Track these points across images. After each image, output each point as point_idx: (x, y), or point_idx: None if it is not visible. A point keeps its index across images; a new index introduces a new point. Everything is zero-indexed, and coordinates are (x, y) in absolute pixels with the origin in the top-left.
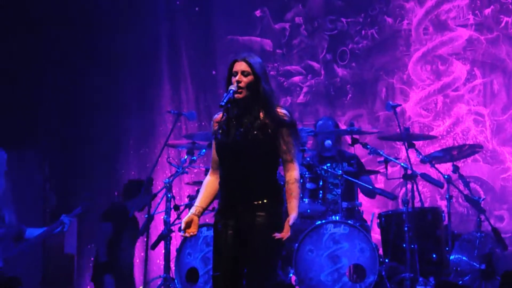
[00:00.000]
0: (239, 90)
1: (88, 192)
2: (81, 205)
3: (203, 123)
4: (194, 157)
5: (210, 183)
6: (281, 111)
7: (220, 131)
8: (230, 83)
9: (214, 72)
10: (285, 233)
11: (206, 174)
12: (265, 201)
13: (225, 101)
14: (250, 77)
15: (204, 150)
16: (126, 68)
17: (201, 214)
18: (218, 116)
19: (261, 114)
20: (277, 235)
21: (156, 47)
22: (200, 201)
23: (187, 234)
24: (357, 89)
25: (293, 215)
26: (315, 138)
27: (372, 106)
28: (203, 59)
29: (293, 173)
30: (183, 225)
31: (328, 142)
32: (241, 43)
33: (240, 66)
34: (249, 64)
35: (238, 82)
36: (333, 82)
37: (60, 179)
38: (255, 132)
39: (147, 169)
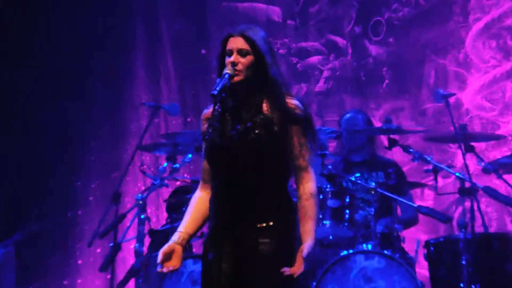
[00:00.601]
0: (236, 73)
1: (36, 210)
2: (21, 230)
3: (188, 119)
4: (177, 165)
5: (200, 201)
6: (292, 102)
7: (211, 129)
8: (224, 66)
9: (203, 51)
10: (298, 268)
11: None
12: (271, 223)
13: (218, 89)
14: (249, 58)
15: (190, 156)
16: (87, 45)
17: (186, 242)
18: (209, 110)
19: (265, 107)
20: (287, 271)
21: (127, 18)
22: (185, 226)
23: (165, 269)
24: (396, 73)
25: (308, 243)
26: (340, 139)
27: (416, 96)
28: (189, 34)
29: (308, 185)
30: (160, 257)
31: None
32: (241, 12)
33: (237, 42)
34: (249, 40)
35: (234, 64)
36: (363, 64)
37: None
38: (258, 131)
39: (113, 181)
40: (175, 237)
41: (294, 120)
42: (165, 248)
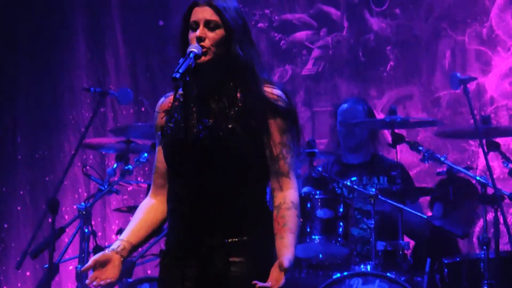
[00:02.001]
0: (204, 51)
1: None
2: None
3: (143, 109)
4: (129, 166)
5: (150, 208)
6: (273, 91)
7: (171, 123)
8: (188, 42)
9: (161, 23)
10: (275, 283)
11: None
12: (244, 238)
13: (180, 71)
14: (219, 32)
15: (146, 154)
16: (17, 15)
17: (127, 253)
18: (168, 98)
19: (240, 96)
20: (260, 284)
21: None
22: (128, 234)
23: (95, 283)
24: (404, 53)
25: (287, 256)
26: (333, 134)
27: (428, 81)
28: (143, 2)
29: (289, 193)
30: (90, 264)
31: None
32: None
33: (204, 13)
34: (218, 10)
35: (200, 38)
36: (363, 41)
37: None
38: (230, 125)
39: (47, 185)
40: (114, 245)
41: (275, 113)
42: (98, 255)
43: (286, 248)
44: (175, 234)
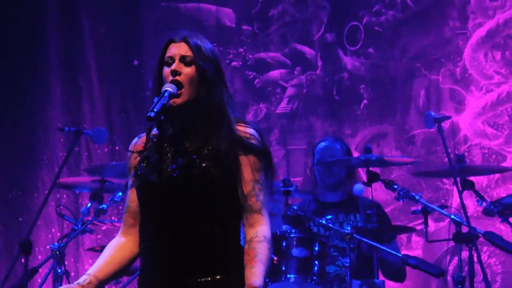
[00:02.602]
0: (179, 92)
1: None
2: None
3: (117, 148)
4: (104, 206)
5: (119, 247)
6: (246, 130)
7: (145, 164)
8: (163, 81)
9: (136, 62)
10: None
11: None
12: (218, 277)
13: (155, 110)
14: (194, 68)
15: (120, 194)
16: None
17: None
18: (140, 139)
19: (213, 136)
20: None
21: (37, 16)
22: (95, 269)
23: None
24: (378, 92)
25: (256, 281)
26: (309, 172)
27: (402, 119)
28: (118, 41)
29: (261, 228)
30: None
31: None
32: (184, 14)
33: (179, 48)
34: (192, 47)
35: (175, 72)
36: (337, 80)
37: None
38: (204, 165)
39: (21, 226)
40: (81, 279)
41: (248, 152)
42: (64, 287)
43: (255, 276)
44: (148, 274)
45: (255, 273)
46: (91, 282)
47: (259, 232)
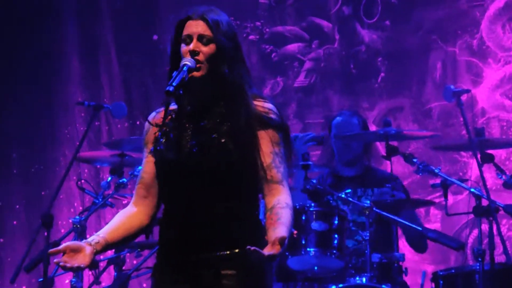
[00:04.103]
0: (198, 66)
1: None
2: None
3: (138, 122)
4: (124, 179)
5: (129, 215)
6: (263, 105)
7: (163, 139)
8: (180, 56)
9: (155, 37)
10: (271, 249)
11: None
12: (236, 250)
13: (174, 84)
14: (212, 46)
15: (140, 168)
16: (12, 30)
17: (101, 248)
18: (159, 113)
19: (231, 111)
20: (254, 250)
21: None
22: (104, 231)
23: (62, 262)
24: (395, 65)
25: (281, 235)
26: (327, 146)
27: (419, 92)
28: (137, 16)
29: (283, 196)
30: (60, 247)
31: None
32: None
33: (197, 27)
34: (210, 25)
35: (194, 52)
36: (354, 53)
37: None
38: (223, 140)
39: (43, 200)
40: (89, 239)
41: (266, 126)
42: (70, 242)
43: (280, 234)
44: (166, 248)
45: (278, 232)
46: (99, 242)
47: (281, 199)
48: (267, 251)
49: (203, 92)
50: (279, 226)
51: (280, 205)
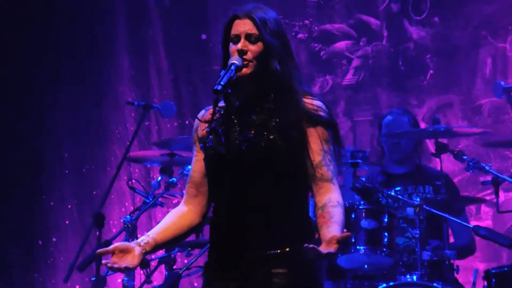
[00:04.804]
0: (245, 63)
1: None
2: None
3: (186, 122)
4: (173, 179)
5: (180, 214)
6: (312, 102)
7: (212, 136)
8: (229, 55)
9: (204, 37)
10: (328, 247)
11: None
12: (287, 249)
13: (222, 83)
14: (260, 45)
15: (189, 167)
16: (57, 33)
17: (150, 248)
18: (208, 112)
19: (279, 108)
20: (312, 247)
21: None
22: (154, 231)
23: (109, 264)
24: (444, 61)
25: (336, 233)
26: (377, 145)
27: (468, 89)
28: (185, 15)
29: (334, 195)
30: (109, 248)
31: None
32: None
33: (244, 26)
34: (257, 24)
35: (242, 52)
36: (402, 50)
37: None
38: (272, 137)
39: (95, 199)
40: (139, 240)
41: (316, 123)
42: (119, 243)
43: (334, 233)
44: (217, 247)
45: (333, 231)
46: (149, 243)
47: (332, 198)
48: (324, 248)
49: (251, 89)
50: (333, 225)
51: (331, 203)
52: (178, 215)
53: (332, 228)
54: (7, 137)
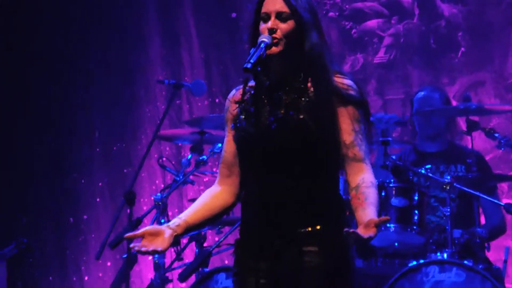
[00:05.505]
0: (275, 41)
1: (24, 218)
2: (17, 242)
3: (217, 100)
4: (204, 157)
5: (213, 195)
6: (343, 82)
7: (243, 115)
8: (259, 33)
9: (234, 15)
10: (367, 231)
11: None
12: (318, 227)
13: (252, 61)
14: (291, 23)
15: (219, 145)
16: (86, 13)
17: (182, 230)
18: (238, 91)
19: (310, 87)
20: (353, 232)
21: None
22: (186, 213)
23: (137, 247)
24: (476, 39)
25: (373, 216)
26: (410, 122)
27: (501, 67)
28: None
29: (367, 175)
30: (139, 232)
31: None
32: None
33: (275, 4)
34: (288, 1)
35: (272, 30)
36: (434, 28)
37: None
38: (302, 117)
39: (125, 178)
40: (170, 222)
41: (346, 102)
42: (149, 227)
43: (371, 216)
44: (248, 225)
45: (369, 213)
46: (180, 225)
47: (365, 178)
48: (363, 232)
49: (281, 68)
50: (368, 207)
51: (365, 184)
52: (211, 196)
53: (368, 210)
54: (39, 117)
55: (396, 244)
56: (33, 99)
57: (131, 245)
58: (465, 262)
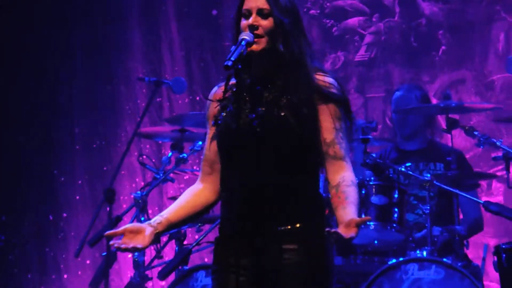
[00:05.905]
0: (255, 40)
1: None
2: None
3: (197, 98)
4: (184, 155)
5: (195, 193)
6: (324, 79)
7: (224, 113)
8: (240, 30)
9: (215, 12)
10: (348, 231)
11: None
12: (297, 225)
13: (232, 59)
14: (271, 20)
15: (200, 143)
16: (68, 11)
17: (163, 228)
18: (220, 88)
19: (291, 85)
20: (334, 230)
21: None
22: (168, 211)
23: (117, 244)
24: (456, 37)
25: (353, 216)
26: (391, 121)
27: (481, 65)
28: None
29: (347, 174)
30: (119, 230)
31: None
32: None
33: (256, 1)
34: None
35: (253, 27)
36: (415, 26)
37: None
38: (283, 113)
39: (105, 175)
40: (152, 220)
41: (328, 100)
42: (130, 225)
43: (351, 215)
44: (228, 222)
45: (349, 212)
46: (161, 222)
47: (345, 177)
48: (344, 232)
49: (262, 65)
50: (349, 206)
51: (345, 183)
52: (193, 194)
53: (348, 209)
54: (18, 113)
55: (376, 241)
56: (13, 96)
57: (111, 243)
58: (445, 259)
